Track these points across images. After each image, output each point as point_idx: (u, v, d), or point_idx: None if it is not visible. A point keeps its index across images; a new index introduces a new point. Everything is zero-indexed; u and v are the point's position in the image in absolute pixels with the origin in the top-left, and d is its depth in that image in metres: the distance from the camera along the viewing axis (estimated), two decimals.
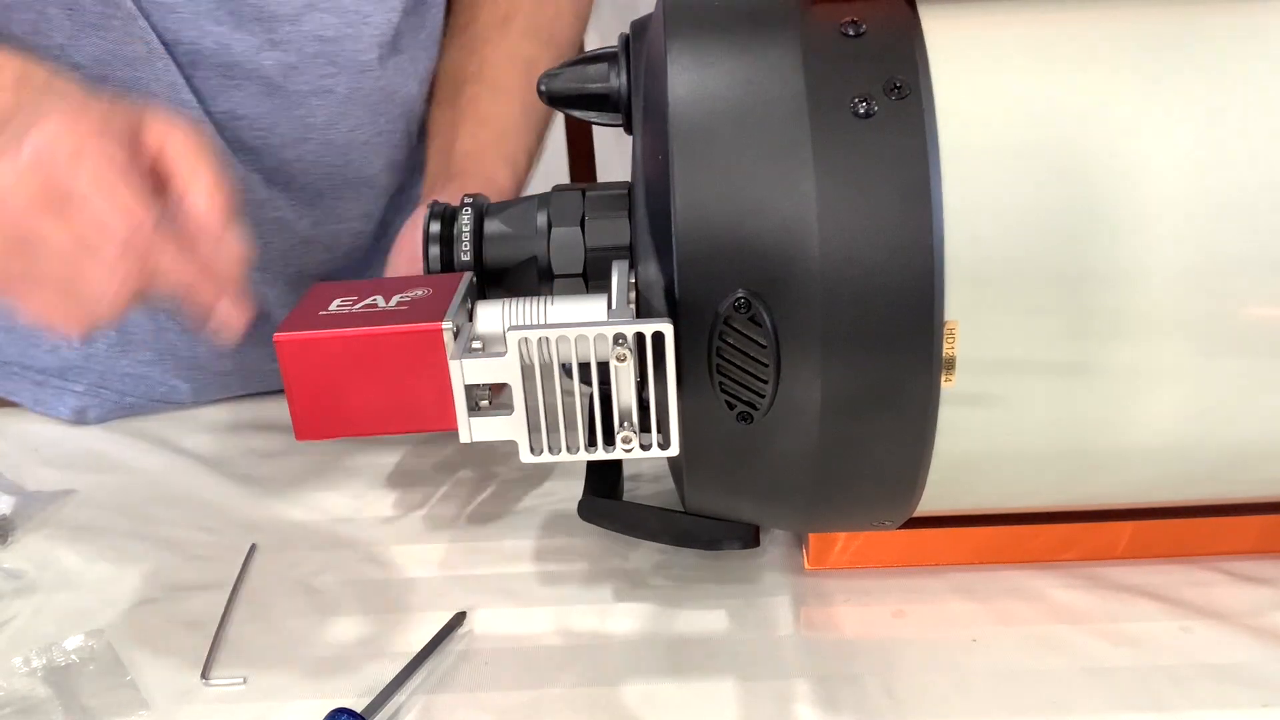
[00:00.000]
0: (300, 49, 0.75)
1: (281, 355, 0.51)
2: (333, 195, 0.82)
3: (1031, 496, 0.57)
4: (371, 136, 0.81)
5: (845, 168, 0.47)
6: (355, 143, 0.80)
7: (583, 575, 0.63)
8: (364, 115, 0.80)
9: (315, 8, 0.74)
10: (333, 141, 0.79)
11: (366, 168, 0.82)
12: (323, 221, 0.82)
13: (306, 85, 0.76)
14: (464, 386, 0.49)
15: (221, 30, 0.73)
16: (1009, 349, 0.49)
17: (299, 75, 0.76)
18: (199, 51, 0.73)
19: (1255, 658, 0.55)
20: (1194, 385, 0.50)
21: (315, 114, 0.78)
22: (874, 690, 0.54)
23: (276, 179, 0.79)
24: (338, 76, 0.77)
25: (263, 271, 0.81)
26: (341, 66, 0.77)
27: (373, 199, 0.84)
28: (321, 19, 0.75)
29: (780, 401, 0.49)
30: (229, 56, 0.73)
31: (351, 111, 0.79)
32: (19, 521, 0.70)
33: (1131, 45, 0.50)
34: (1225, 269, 0.48)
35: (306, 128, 0.78)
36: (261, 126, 0.77)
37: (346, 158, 0.81)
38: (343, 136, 0.79)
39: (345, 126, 0.79)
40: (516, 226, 0.56)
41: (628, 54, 0.56)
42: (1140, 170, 0.48)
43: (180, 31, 0.72)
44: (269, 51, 0.74)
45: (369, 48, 0.77)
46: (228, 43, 0.73)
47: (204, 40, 0.73)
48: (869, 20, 0.49)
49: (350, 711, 0.53)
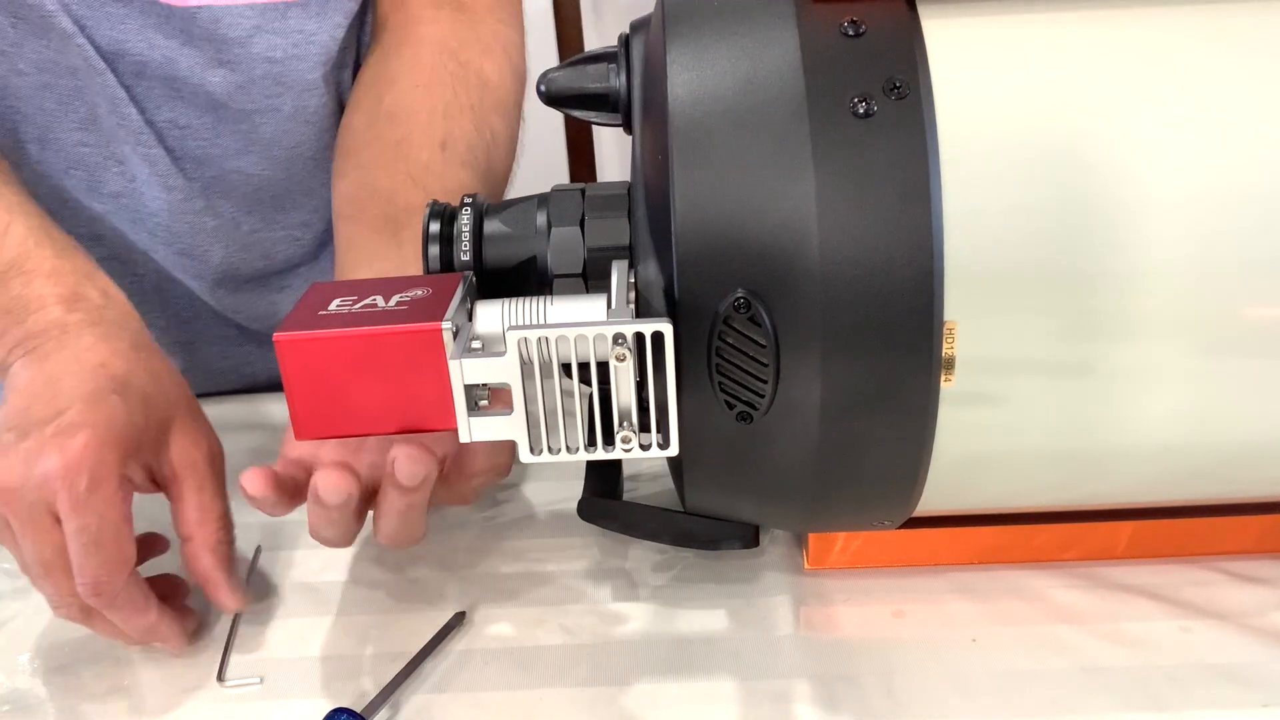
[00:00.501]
0: (249, 70, 0.75)
1: (281, 355, 0.50)
2: (273, 205, 0.82)
3: (1031, 496, 0.57)
4: (316, 152, 0.81)
5: (845, 168, 0.47)
6: (298, 157, 0.81)
7: (583, 575, 0.63)
8: (308, 132, 0.80)
9: (263, 30, 0.75)
10: (275, 156, 0.80)
11: (308, 180, 0.83)
12: (261, 229, 0.83)
13: (252, 104, 0.77)
14: (463, 386, 0.49)
15: (170, 44, 0.73)
16: (1008, 349, 0.49)
17: (245, 94, 0.76)
18: (145, 63, 0.73)
19: (1255, 658, 0.55)
20: (1194, 385, 0.50)
21: (259, 130, 0.78)
22: (874, 690, 0.54)
23: (216, 187, 0.79)
24: (283, 96, 0.78)
25: (198, 279, 0.81)
26: (287, 86, 0.77)
27: (313, 209, 0.85)
28: (270, 40, 0.75)
29: (780, 401, 0.49)
30: (175, 70, 0.74)
31: (295, 129, 0.79)
32: None
33: (1132, 45, 0.50)
34: (1226, 269, 0.48)
35: (250, 141, 0.78)
36: (204, 137, 0.77)
37: (289, 171, 0.81)
38: (285, 152, 0.80)
39: (289, 142, 0.80)
40: (516, 226, 0.56)
41: (627, 54, 0.56)
42: (1141, 170, 0.48)
43: (126, 43, 0.72)
44: (216, 69, 0.75)
45: (314, 67, 0.78)
46: (174, 57, 0.73)
47: (151, 53, 0.73)
48: (869, 20, 0.49)
49: (350, 711, 0.53)
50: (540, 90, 0.57)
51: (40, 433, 0.54)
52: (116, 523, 0.54)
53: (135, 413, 0.56)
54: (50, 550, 0.54)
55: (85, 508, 0.53)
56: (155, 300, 0.82)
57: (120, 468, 0.55)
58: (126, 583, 0.55)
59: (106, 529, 0.53)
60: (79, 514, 0.53)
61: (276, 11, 0.75)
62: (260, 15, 0.74)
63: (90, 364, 0.57)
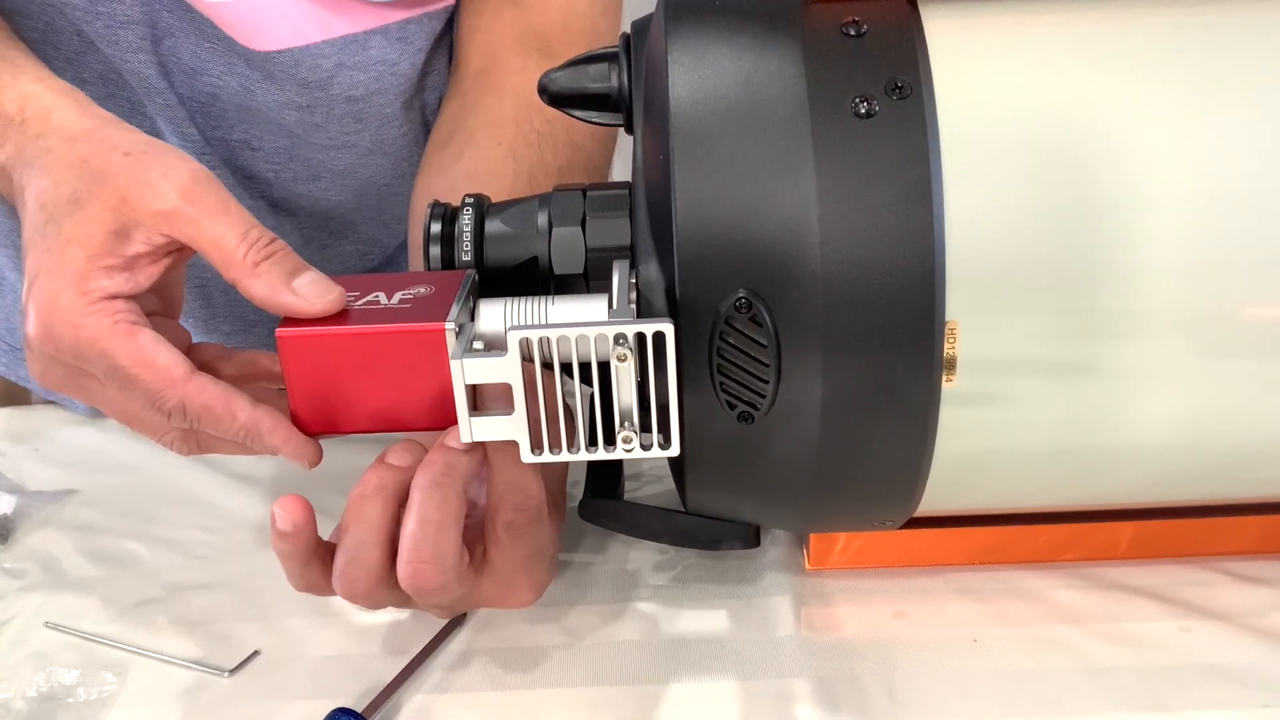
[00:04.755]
0: (328, 110, 0.73)
1: (283, 351, 0.51)
2: (342, 225, 0.80)
3: (1032, 496, 0.57)
4: (390, 180, 0.79)
5: (846, 168, 0.47)
6: (372, 185, 0.79)
7: (583, 575, 0.63)
8: (384, 163, 0.78)
9: (345, 66, 0.71)
10: (348, 185, 0.78)
11: (381, 204, 0.81)
12: (330, 244, 0.81)
13: (329, 140, 0.75)
14: (465, 386, 0.49)
15: (250, 75, 0.70)
16: (1010, 349, 0.49)
17: (322, 132, 0.74)
18: (221, 88, 0.71)
19: (1255, 658, 0.55)
20: (1195, 385, 0.50)
21: (334, 161, 0.76)
22: (874, 690, 0.54)
23: (284, 208, 0.78)
24: (362, 132, 0.75)
25: None
26: (366, 123, 0.75)
27: (382, 229, 0.83)
28: (351, 77, 0.72)
29: (781, 401, 0.49)
30: (250, 100, 0.72)
31: (372, 160, 0.77)
32: (19, 521, 0.70)
33: (1134, 44, 0.50)
34: (1227, 269, 0.48)
35: (323, 169, 0.76)
36: (276, 161, 0.75)
37: (360, 199, 0.79)
38: (359, 181, 0.78)
39: (364, 174, 0.77)
40: (517, 226, 0.56)
41: (628, 54, 0.56)
42: (1142, 170, 0.48)
43: (201, 74, 0.69)
44: (294, 111, 0.72)
45: (394, 99, 0.75)
46: (252, 89, 0.71)
47: (228, 79, 0.71)
48: (870, 20, 0.49)
49: (350, 711, 0.53)
50: (541, 90, 0.57)
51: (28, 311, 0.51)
52: (140, 349, 0.50)
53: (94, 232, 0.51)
54: (110, 405, 0.52)
55: (104, 359, 0.50)
56: (223, 305, 0.80)
57: (105, 306, 0.50)
58: (189, 388, 0.51)
59: (129, 362, 0.50)
60: (103, 365, 0.50)
61: (357, 44, 0.71)
62: (340, 51, 0.71)
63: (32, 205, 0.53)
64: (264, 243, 0.51)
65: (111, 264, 0.51)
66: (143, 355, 0.50)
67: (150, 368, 0.50)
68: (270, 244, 0.52)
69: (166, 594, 0.64)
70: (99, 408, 0.54)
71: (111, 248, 0.51)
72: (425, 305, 0.51)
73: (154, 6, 0.68)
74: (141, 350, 0.50)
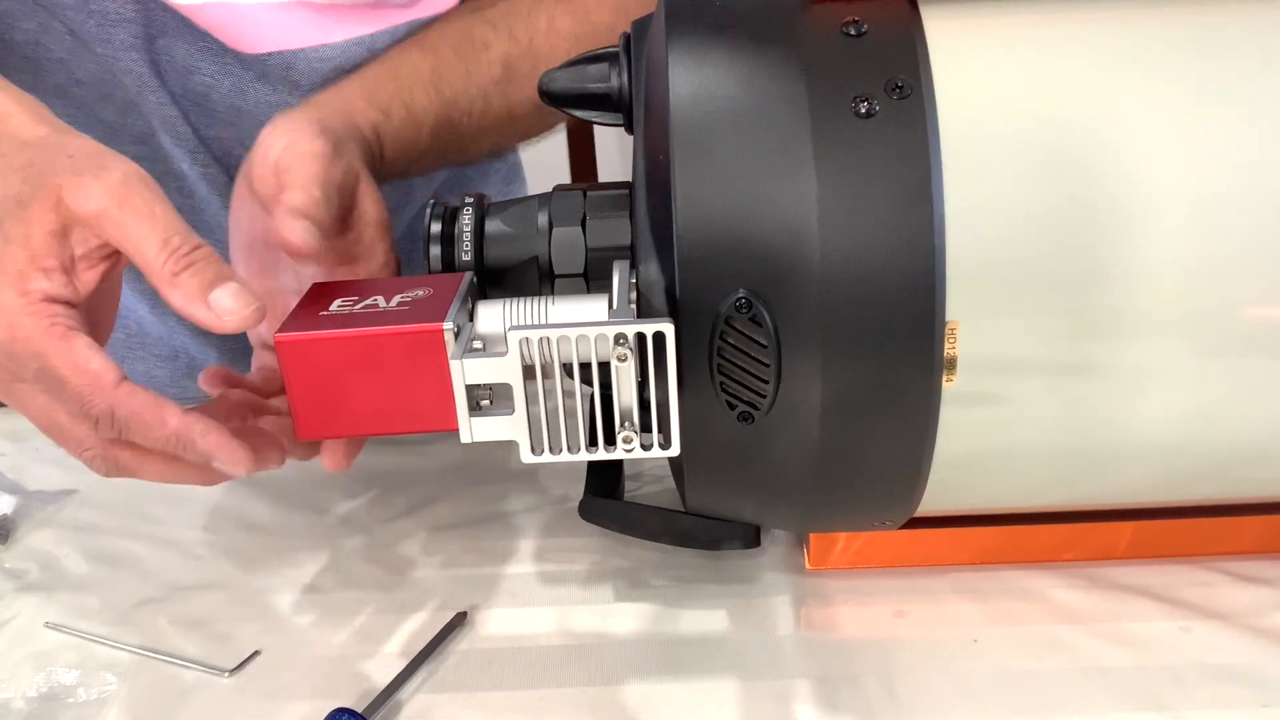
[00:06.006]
0: None
1: (282, 355, 0.51)
2: None
3: (1032, 496, 0.57)
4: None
5: (846, 168, 0.47)
6: None
7: (583, 575, 0.63)
8: None
9: (341, 70, 0.71)
10: None
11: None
12: None
13: None
14: (465, 386, 0.49)
15: (244, 74, 0.70)
16: (1010, 349, 0.49)
17: None
18: (213, 87, 0.71)
19: (1255, 658, 0.55)
20: (1195, 385, 0.50)
21: None
22: (874, 690, 0.54)
23: None
24: None
25: None
26: None
27: None
28: None
29: (781, 401, 0.49)
30: (242, 100, 0.72)
31: None
32: (19, 521, 0.70)
33: (1134, 44, 0.50)
34: (1227, 269, 0.48)
35: None
36: None
37: None
38: None
39: None
40: (517, 226, 0.56)
41: (628, 54, 0.56)
42: (1142, 170, 0.48)
43: (194, 73, 0.69)
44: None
45: None
46: (244, 89, 0.71)
47: (221, 79, 0.70)
48: (870, 20, 0.49)
49: (350, 711, 0.53)
50: (541, 90, 0.57)
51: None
52: (74, 353, 0.50)
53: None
54: (37, 413, 0.52)
55: (37, 359, 0.50)
56: None
57: (43, 308, 0.50)
58: (119, 394, 0.51)
59: (61, 363, 0.50)
60: (35, 366, 0.50)
61: (362, 46, 0.71)
62: (342, 55, 0.70)
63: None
64: (184, 251, 0.51)
65: (50, 265, 0.51)
66: (75, 359, 0.50)
67: (82, 372, 0.50)
68: (191, 252, 0.51)
69: (166, 594, 0.64)
70: (25, 415, 0.54)
71: (51, 249, 0.51)
72: (424, 307, 0.51)
73: (147, 4, 0.68)
74: (75, 354, 0.50)
